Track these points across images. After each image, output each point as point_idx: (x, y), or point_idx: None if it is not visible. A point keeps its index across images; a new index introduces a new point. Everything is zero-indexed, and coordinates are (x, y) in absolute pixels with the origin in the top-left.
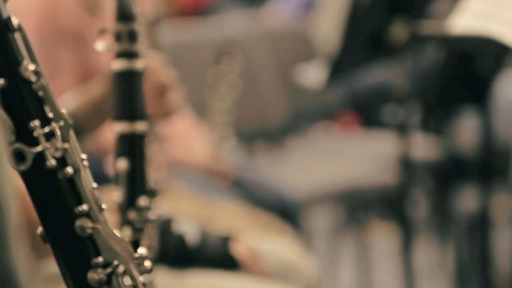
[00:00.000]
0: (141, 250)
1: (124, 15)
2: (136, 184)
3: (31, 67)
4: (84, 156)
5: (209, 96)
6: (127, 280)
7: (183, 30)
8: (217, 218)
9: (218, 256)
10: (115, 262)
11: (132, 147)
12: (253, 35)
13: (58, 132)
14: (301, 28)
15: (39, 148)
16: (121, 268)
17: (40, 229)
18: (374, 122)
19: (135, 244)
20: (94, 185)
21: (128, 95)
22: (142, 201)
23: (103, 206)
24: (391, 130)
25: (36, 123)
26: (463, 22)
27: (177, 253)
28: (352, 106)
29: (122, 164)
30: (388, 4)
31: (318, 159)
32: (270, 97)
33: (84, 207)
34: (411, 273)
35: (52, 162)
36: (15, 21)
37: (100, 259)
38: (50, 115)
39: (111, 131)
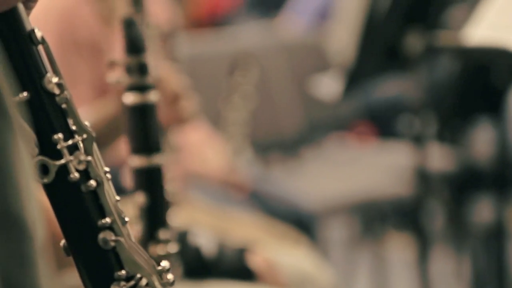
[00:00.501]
0: (164, 263)
1: (134, 47)
2: (155, 218)
3: (55, 79)
4: (107, 169)
5: (224, 107)
6: None
7: (198, 42)
8: (233, 230)
9: (235, 267)
10: (138, 275)
11: (150, 180)
12: (268, 46)
13: (81, 145)
14: (315, 39)
15: (62, 161)
16: (144, 281)
17: (63, 242)
18: (389, 132)
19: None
20: (117, 197)
21: (142, 128)
22: (162, 234)
23: (126, 219)
24: (406, 141)
25: (59, 136)
26: (479, 33)
27: (193, 265)
28: (368, 116)
29: (140, 198)
30: (403, 15)
31: (334, 170)
32: (285, 108)
33: (107, 219)
34: (427, 284)
35: (75, 175)
36: (38, 34)
37: (123, 272)
38: (73, 127)
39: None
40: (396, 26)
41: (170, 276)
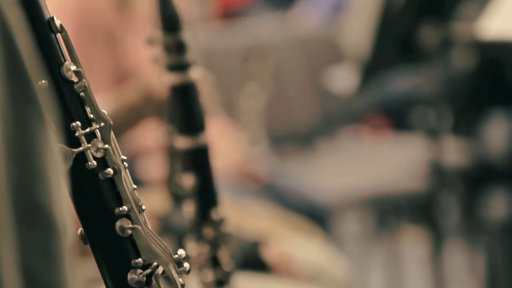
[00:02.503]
0: (181, 251)
1: (171, 24)
2: (206, 198)
3: (73, 67)
4: (124, 157)
5: (239, 96)
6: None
7: (213, 34)
8: (248, 222)
9: (249, 260)
10: (155, 263)
11: (198, 161)
12: (282, 39)
13: (99, 133)
14: (330, 32)
15: (80, 149)
16: (160, 269)
17: (80, 230)
18: (404, 126)
19: (214, 260)
20: (134, 186)
21: (185, 108)
22: (215, 214)
23: (143, 207)
24: (421, 134)
25: (77, 123)
26: (494, 25)
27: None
28: (382, 109)
29: (190, 179)
30: (418, 7)
31: (348, 163)
32: (299, 100)
33: (125, 207)
34: (441, 278)
35: (93, 162)
36: (57, 22)
37: (139, 259)
38: (91, 115)
39: (144, 135)
40: (411, 18)
41: (186, 265)
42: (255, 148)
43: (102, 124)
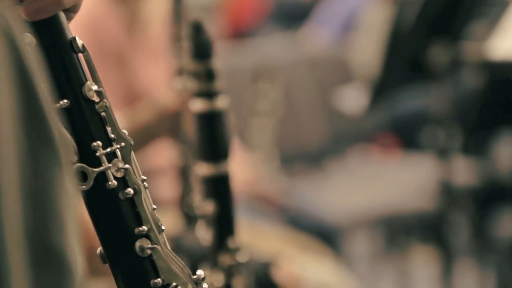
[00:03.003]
0: (199, 272)
1: (202, 52)
2: (224, 226)
3: (94, 87)
4: (144, 177)
5: (249, 116)
6: None
7: (222, 54)
8: (259, 242)
9: (260, 281)
10: (174, 283)
11: (219, 188)
12: (292, 58)
13: (119, 153)
14: (340, 52)
15: (101, 168)
16: None
17: (99, 249)
18: (413, 145)
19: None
20: (154, 206)
21: (210, 136)
22: (231, 242)
23: (163, 227)
24: (430, 153)
25: (98, 143)
26: (504, 45)
27: None
28: (392, 128)
29: (210, 206)
30: (428, 27)
31: (358, 182)
32: (309, 120)
33: (144, 227)
34: None
35: (113, 182)
36: (79, 42)
37: (159, 280)
38: (112, 135)
39: (157, 154)
40: (421, 38)
41: (205, 285)
42: (266, 168)
43: (123, 144)
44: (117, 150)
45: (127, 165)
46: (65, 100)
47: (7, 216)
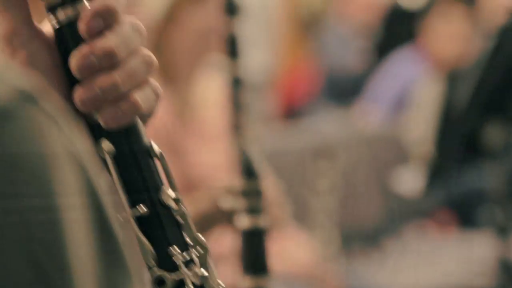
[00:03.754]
0: None
1: (250, 172)
2: None
3: (172, 194)
4: (222, 283)
5: (309, 199)
6: None
7: (277, 134)
8: None
9: None
10: None
11: None
12: (347, 136)
13: (196, 259)
14: (393, 130)
15: (179, 275)
16: None
17: None
18: (470, 222)
19: None
20: None
21: (253, 251)
22: None
23: None
24: (488, 231)
25: (176, 249)
26: None
27: None
28: (449, 205)
29: None
30: (482, 107)
31: (415, 261)
32: (366, 199)
33: None
34: None
35: None
36: (156, 148)
37: None
38: (189, 241)
39: (217, 242)
40: (476, 117)
41: None
42: (328, 248)
43: (200, 249)
44: (194, 256)
45: (205, 273)
46: (143, 207)
47: None
